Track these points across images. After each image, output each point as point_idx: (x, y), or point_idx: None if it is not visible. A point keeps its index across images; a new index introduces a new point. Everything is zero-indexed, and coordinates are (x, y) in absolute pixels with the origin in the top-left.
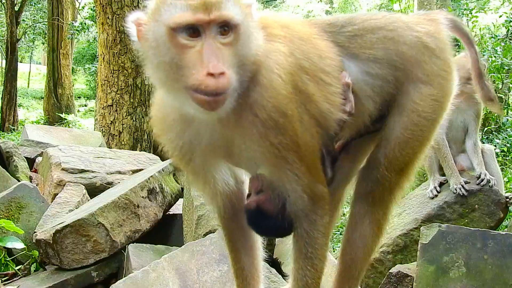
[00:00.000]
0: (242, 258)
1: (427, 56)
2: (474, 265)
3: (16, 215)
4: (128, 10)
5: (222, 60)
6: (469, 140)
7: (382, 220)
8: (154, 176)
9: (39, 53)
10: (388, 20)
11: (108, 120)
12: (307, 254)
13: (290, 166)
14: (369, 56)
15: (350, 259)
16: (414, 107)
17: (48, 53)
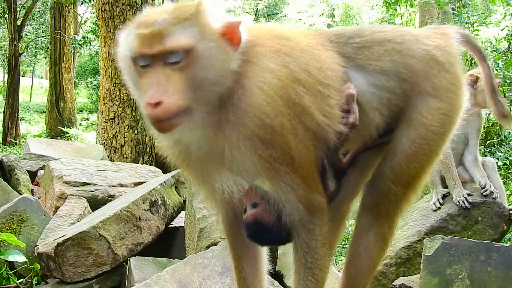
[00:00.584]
0: (244, 268)
1: (436, 69)
2: (477, 277)
3: (17, 228)
4: None
5: (164, 88)
6: (469, 154)
7: (387, 233)
8: (156, 189)
9: (41, 67)
10: (397, 33)
11: (110, 134)
12: (307, 264)
13: (284, 178)
14: (376, 68)
15: (355, 272)
16: (421, 121)
17: (50, 67)
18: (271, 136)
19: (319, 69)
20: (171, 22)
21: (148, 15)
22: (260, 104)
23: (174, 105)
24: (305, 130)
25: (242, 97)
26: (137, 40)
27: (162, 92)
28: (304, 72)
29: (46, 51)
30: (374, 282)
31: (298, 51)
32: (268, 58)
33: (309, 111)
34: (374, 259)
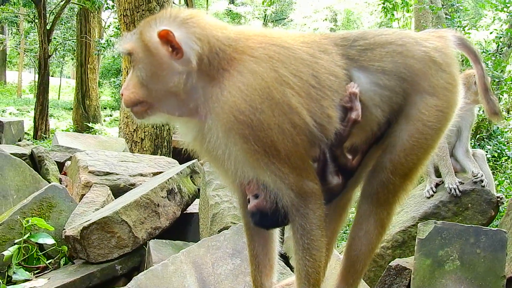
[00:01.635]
0: (256, 247)
1: (434, 69)
2: (467, 258)
3: (47, 213)
4: None
5: (127, 83)
6: (461, 146)
7: (386, 219)
8: (173, 178)
9: (68, 68)
10: (398, 36)
11: (131, 128)
12: (304, 245)
13: (270, 168)
14: (378, 68)
15: (355, 254)
16: (419, 117)
17: (77, 68)
18: (249, 131)
19: (313, 75)
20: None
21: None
22: (235, 102)
23: (127, 97)
24: (292, 126)
25: (220, 95)
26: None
27: (125, 86)
28: (295, 77)
29: (73, 53)
30: (372, 264)
31: (292, 59)
32: (253, 62)
33: (297, 111)
34: (372, 243)
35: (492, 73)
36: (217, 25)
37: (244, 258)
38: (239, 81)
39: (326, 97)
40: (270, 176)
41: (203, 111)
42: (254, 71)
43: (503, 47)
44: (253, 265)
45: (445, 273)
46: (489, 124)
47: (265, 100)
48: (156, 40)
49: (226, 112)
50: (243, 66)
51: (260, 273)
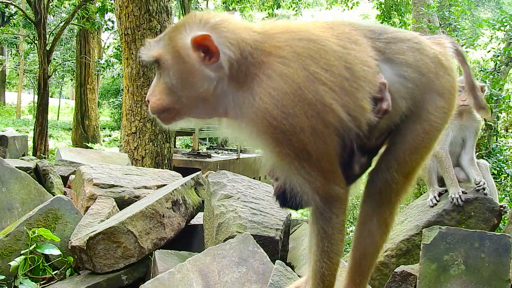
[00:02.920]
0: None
1: (442, 72)
2: (472, 263)
3: (52, 225)
4: None
5: (152, 90)
6: (466, 155)
7: (389, 219)
8: (178, 189)
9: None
10: (413, 35)
11: (132, 146)
12: (324, 248)
13: (299, 171)
14: (403, 61)
15: (360, 254)
16: (428, 117)
17: (76, 88)
18: (282, 136)
19: (346, 67)
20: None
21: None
22: (267, 109)
23: (154, 103)
24: (325, 126)
25: (252, 102)
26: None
27: (150, 93)
28: (327, 72)
29: (73, 73)
30: (377, 272)
31: (323, 52)
32: (281, 64)
33: (331, 108)
34: (377, 243)
35: (491, 91)
36: (245, 27)
37: (250, 266)
38: (269, 86)
39: (360, 89)
40: (299, 180)
41: (234, 114)
42: (283, 74)
43: (500, 65)
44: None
45: (450, 277)
46: (488, 142)
47: (298, 103)
48: (188, 45)
49: (260, 118)
50: (272, 70)
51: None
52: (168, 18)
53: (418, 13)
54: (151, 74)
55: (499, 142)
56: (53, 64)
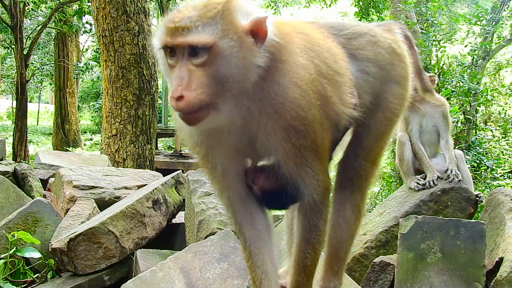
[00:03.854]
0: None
1: (397, 60)
2: (448, 250)
3: (32, 228)
4: (128, 48)
5: (187, 83)
6: (442, 139)
7: (361, 204)
8: (158, 189)
9: (47, 93)
10: (368, 27)
11: (113, 149)
12: (310, 239)
13: (310, 164)
14: (364, 56)
15: (337, 241)
16: (388, 105)
17: (55, 93)
18: (304, 127)
19: (334, 61)
20: (196, 19)
21: (179, 11)
22: (296, 98)
23: (194, 99)
24: (326, 118)
25: (278, 92)
26: (164, 32)
27: (185, 86)
28: (325, 65)
29: (51, 77)
30: (357, 264)
31: (317, 46)
32: (299, 54)
33: (331, 101)
34: (352, 229)
35: (468, 85)
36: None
37: (231, 262)
38: (294, 76)
39: (345, 83)
40: (308, 172)
41: (255, 108)
42: (303, 65)
43: (478, 59)
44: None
45: (427, 265)
46: (468, 135)
47: (315, 93)
48: (246, 29)
49: (287, 109)
50: (293, 60)
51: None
52: (146, 19)
53: (395, 9)
54: (130, 75)
55: (478, 135)
56: (31, 69)
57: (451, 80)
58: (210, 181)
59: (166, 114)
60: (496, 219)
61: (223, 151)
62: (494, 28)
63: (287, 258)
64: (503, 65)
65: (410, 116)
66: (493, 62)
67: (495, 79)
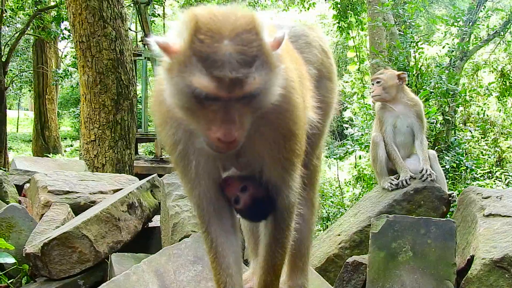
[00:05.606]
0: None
1: (326, 57)
2: (419, 249)
3: (6, 233)
4: (106, 53)
5: (237, 124)
6: (416, 139)
7: (314, 199)
8: (133, 192)
9: (26, 100)
10: (301, 28)
11: (92, 154)
12: (280, 239)
13: (294, 168)
14: (307, 59)
15: (298, 238)
16: (325, 100)
17: (35, 99)
18: (298, 131)
19: (301, 64)
20: (244, 64)
21: (212, 47)
22: (296, 103)
23: (243, 136)
24: (305, 123)
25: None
26: (214, 82)
27: (237, 127)
28: (301, 72)
29: (30, 84)
30: (332, 264)
31: (294, 55)
32: (287, 59)
33: (307, 105)
34: (310, 223)
35: (447, 86)
36: None
37: (205, 264)
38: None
39: (310, 87)
40: (292, 177)
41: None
42: (291, 69)
43: (455, 60)
44: (220, 268)
45: (398, 264)
46: (447, 135)
47: (301, 97)
48: (273, 49)
49: (286, 114)
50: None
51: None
52: (123, 24)
53: (373, 11)
54: (107, 81)
55: (457, 135)
56: (9, 76)
57: (429, 81)
58: (181, 178)
59: (146, 119)
60: (468, 217)
61: (201, 150)
62: (471, 29)
63: (251, 261)
64: (480, 65)
65: (385, 116)
66: (471, 63)
67: (473, 79)
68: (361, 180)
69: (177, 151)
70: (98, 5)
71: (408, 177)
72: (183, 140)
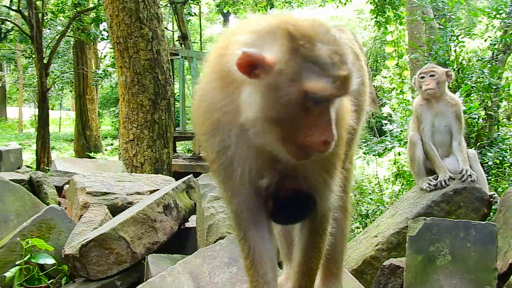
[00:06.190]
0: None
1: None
2: (458, 253)
3: (46, 235)
4: (143, 53)
5: (333, 125)
6: (454, 140)
7: (347, 203)
8: (169, 193)
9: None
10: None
11: (131, 154)
12: (316, 244)
13: (336, 172)
14: None
15: (332, 243)
16: (358, 103)
17: (76, 100)
18: (343, 134)
19: None
20: (346, 62)
21: (316, 51)
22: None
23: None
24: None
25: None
26: (334, 82)
27: (333, 129)
28: None
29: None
30: (368, 266)
31: None
32: None
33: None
34: (344, 228)
35: (489, 80)
36: None
37: (240, 266)
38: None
39: None
40: (333, 181)
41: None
42: None
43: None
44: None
45: (436, 268)
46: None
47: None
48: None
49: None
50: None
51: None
52: (159, 24)
53: (411, 5)
54: (145, 81)
55: (500, 131)
56: (51, 77)
57: (470, 76)
58: (222, 186)
59: (184, 117)
60: (510, 219)
61: (247, 158)
62: None
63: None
64: None
65: (423, 114)
66: None
67: None
68: (400, 177)
69: (222, 159)
70: (134, 6)
71: (447, 177)
72: (232, 148)
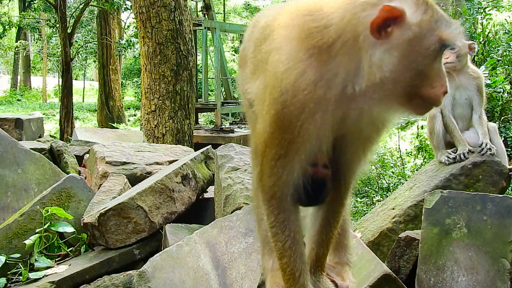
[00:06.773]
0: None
1: None
2: (474, 226)
3: (66, 203)
4: (165, 23)
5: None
6: (475, 114)
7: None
8: (187, 164)
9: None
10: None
11: (152, 124)
12: (338, 213)
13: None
14: None
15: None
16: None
17: (99, 70)
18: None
19: None
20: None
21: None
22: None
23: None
24: None
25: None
26: (455, 33)
27: (445, 79)
28: None
29: (95, 55)
30: (385, 238)
31: None
32: None
33: None
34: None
35: None
36: None
37: (256, 237)
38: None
39: None
40: (366, 158)
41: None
42: None
43: None
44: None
45: (452, 240)
46: None
47: None
48: None
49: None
50: None
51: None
52: None
53: None
54: (167, 51)
55: None
56: (75, 47)
57: (497, 49)
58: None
59: (206, 89)
60: None
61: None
62: None
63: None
64: None
65: None
66: None
67: None
68: (422, 151)
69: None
70: None
71: (467, 150)
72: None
